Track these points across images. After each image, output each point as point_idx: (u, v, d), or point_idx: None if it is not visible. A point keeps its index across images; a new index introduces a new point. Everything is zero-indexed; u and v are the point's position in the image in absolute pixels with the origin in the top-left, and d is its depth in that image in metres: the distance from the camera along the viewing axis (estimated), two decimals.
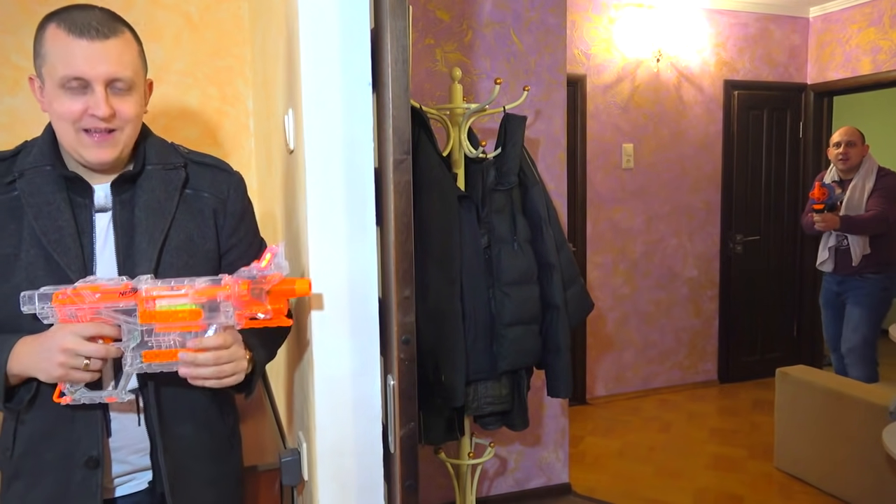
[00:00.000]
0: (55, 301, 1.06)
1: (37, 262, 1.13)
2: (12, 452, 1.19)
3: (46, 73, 1.11)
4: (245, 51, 2.54)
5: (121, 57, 1.12)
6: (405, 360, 1.27)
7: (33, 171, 1.16)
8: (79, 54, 1.08)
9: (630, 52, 4.35)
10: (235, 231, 1.30)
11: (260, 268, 1.07)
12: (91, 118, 1.11)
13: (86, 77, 1.09)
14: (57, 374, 1.06)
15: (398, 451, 1.29)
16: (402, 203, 1.24)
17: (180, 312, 1.06)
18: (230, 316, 1.07)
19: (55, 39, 1.09)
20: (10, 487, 1.20)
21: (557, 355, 2.26)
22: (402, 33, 1.21)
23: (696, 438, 3.87)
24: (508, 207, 2.25)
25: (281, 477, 1.54)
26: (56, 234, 1.13)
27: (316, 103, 1.25)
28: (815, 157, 4.88)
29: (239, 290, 1.05)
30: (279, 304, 1.09)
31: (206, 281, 1.07)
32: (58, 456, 1.16)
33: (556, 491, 3.16)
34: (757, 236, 4.83)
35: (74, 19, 1.09)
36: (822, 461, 3.16)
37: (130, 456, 1.23)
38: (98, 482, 1.16)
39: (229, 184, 1.30)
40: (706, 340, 4.81)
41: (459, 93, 2.28)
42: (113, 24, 1.13)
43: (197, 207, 1.25)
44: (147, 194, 1.20)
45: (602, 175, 4.38)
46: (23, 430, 1.18)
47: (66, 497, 1.17)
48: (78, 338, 1.04)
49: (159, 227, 1.19)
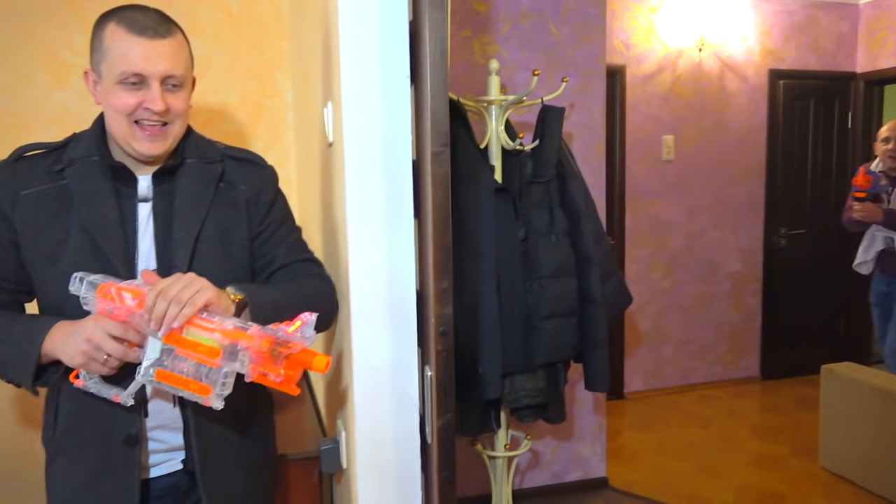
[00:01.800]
0: (98, 293, 1.10)
1: (83, 248, 1.17)
2: (55, 430, 1.25)
3: (105, 68, 1.16)
4: (284, 44, 2.57)
5: (175, 56, 1.18)
6: (442, 351, 1.27)
7: (82, 161, 1.21)
8: (138, 52, 1.14)
9: (671, 42, 4.26)
10: (263, 219, 1.33)
11: (286, 332, 1.04)
12: (145, 111, 1.17)
13: (144, 73, 1.15)
14: (78, 361, 1.10)
15: (435, 441, 1.29)
16: (440, 195, 1.24)
17: (201, 346, 1.06)
18: (244, 366, 1.04)
19: (115, 37, 1.15)
20: (53, 463, 1.26)
21: (595, 349, 2.25)
22: (440, 25, 1.21)
23: (736, 435, 3.80)
24: (546, 200, 2.24)
25: (320, 464, 1.56)
26: (101, 221, 1.18)
27: (355, 96, 1.26)
28: (864, 148, 4.72)
29: (260, 345, 1.03)
30: (292, 372, 1.06)
31: (234, 324, 1.07)
32: (98, 433, 1.21)
33: (592, 485, 3.14)
34: (802, 230, 4.70)
35: (134, 19, 1.15)
36: (869, 461, 3.08)
37: (166, 434, 1.27)
38: (136, 459, 1.21)
39: (262, 177, 1.35)
40: (748, 336, 4.71)
41: (497, 85, 2.27)
42: (168, 24, 1.19)
43: (231, 199, 1.29)
44: (185, 186, 1.25)
45: (641, 167, 4.31)
46: (64, 408, 1.23)
47: (106, 473, 1.21)
48: (104, 333, 1.08)
49: (196, 217, 1.23)
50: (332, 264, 1.52)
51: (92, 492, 1.22)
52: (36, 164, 1.22)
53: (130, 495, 1.21)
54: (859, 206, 3.34)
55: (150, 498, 1.29)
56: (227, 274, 1.25)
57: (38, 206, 1.19)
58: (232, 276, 1.25)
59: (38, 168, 1.21)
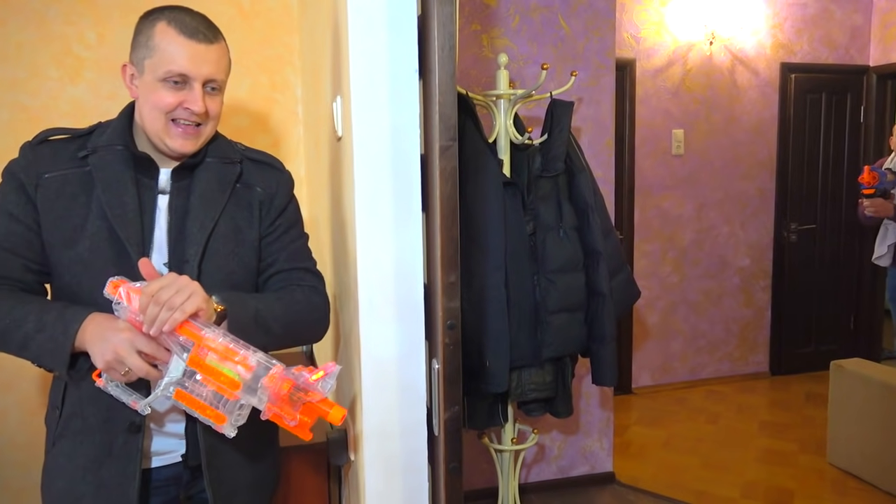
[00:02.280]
0: (109, 288, 1.12)
1: (100, 234, 1.19)
2: (61, 412, 1.26)
3: (150, 65, 1.19)
4: (294, 39, 2.57)
5: (219, 61, 1.23)
6: (450, 344, 1.28)
7: (106, 149, 1.23)
8: (187, 54, 1.18)
9: (682, 35, 4.24)
10: (273, 221, 1.35)
11: (309, 380, 1.05)
12: (185, 111, 1.20)
13: (189, 75, 1.19)
14: (101, 365, 1.12)
15: (442, 433, 1.31)
16: (448, 189, 1.25)
17: (223, 377, 1.07)
18: (262, 402, 1.05)
19: (165, 36, 1.18)
20: (55, 445, 1.27)
21: (603, 343, 2.25)
22: (448, 19, 1.21)
23: (745, 431, 3.79)
24: (554, 194, 2.24)
25: (328, 456, 1.58)
26: (120, 210, 1.20)
27: (364, 90, 1.26)
28: (876, 142, 4.68)
29: (280, 387, 1.04)
30: (307, 418, 1.06)
31: (258, 360, 1.07)
32: (102, 419, 1.23)
33: (599, 479, 3.15)
34: (813, 225, 4.67)
35: (185, 21, 1.19)
36: (878, 457, 3.07)
37: (168, 425, 1.29)
38: (138, 446, 1.23)
39: (279, 181, 1.37)
40: (757, 331, 4.70)
41: (506, 79, 2.27)
42: (215, 30, 1.23)
43: (245, 200, 1.31)
44: (203, 184, 1.27)
45: (651, 162, 4.29)
46: (71, 391, 1.25)
47: (109, 458, 1.23)
48: (132, 349, 1.10)
49: (210, 215, 1.25)
50: (340, 258, 1.53)
51: (92, 477, 1.23)
52: (60, 149, 1.24)
53: (130, 482, 1.23)
54: (868, 203, 3.41)
55: (152, 487, 1.30)
56: (234, 272, 1.27)
57: (59, 189, 1.21)
58: (239, 274, 1.28)
59: (63, 153, 1.23)
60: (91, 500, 1.24)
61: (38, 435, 2.32)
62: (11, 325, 1.16)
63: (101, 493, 1.23)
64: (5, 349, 1.20)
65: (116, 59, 2.40)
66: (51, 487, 1.28)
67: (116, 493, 1.23)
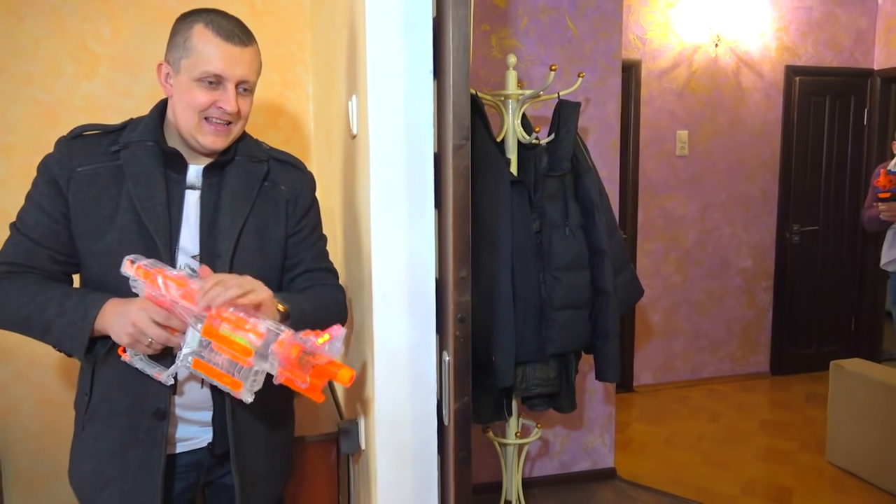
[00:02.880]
0: (146, 278, 1.16)
1: (129, 227, 1.24)
2: (90, 397, 1.31)
3: (186, 65, 1.24)
4: (305, 37, 2.61)
5: (252, 64, 1.28)
6: (460, 337, 1.32)
7: (137, 145, 1.28)
8: (223, 56, 1.23)
9: (687, 37, 4.27)
10: (299, 221, 1.41)
11: (316, 344, 1.10)
12: (218, 110, 1.26)
13: (223, 76, 1.24)
14: (125, 341, 1.18)
15: (452, 423, 1.35)
16: (461, 187, 1.29)
17: (236, 344, 1.12)
18: (274, 368, 1.10)
19: (203, 38, 1.23)
20: (84, 429, 1.33)
21: (606, 340, 2.29)
22: (463, 21, 1.25)
23: (745, 430, 3.83)
24: (561, 193, 2.28)
25: (339, 445, 1.62)
26: (149, 203, 1.25)
27: (380, 90, 1.30)
28: (880, 145, 4.71)
29: (289, 352, 1.08)
30: (318, 381, 1.11)
31: (268, 326, 1.12)
32: (129, 405, 1.28)
33: (601, 475, 3.19)
34: (815, 226, 4.71)
35: (222, 24, 1.24)
36: (877, 456, 3.10)
37: (193, 413, 1.34)
38: (163, 433, 1.28)
39: (302, 181, 1.43)
40: (759, 332, 4.73)
41: (514, 79, 2.31)
42: (249, 34, 1.29)
43: (272, 198, 1.37)
44: (233, 181, 1.32)
45: (655, 162, 4.33)
46: (100, 377, 1.30)
47: (135, 443, 1.28)
48: (149, 319, 1.16)
49: (241, 211, 1.31)
50: (354, 252, 1.58)
51: (119, 460, 1.28)
52: (93, 144, 1.29)
53: (155, 467, 1.27)
54: (885, 207, 3.27)
55: (176, 472, 1.35)
56: (262, 268, 1.32)
57: (91, 182, 1.26)
58: (266, 270, 1.33)
59: (95, 147, 1.28)
60: (119, 482, 1.28)
61: (52, 424, 2.38)
62: (35, 311, 1.22)
63: (127, 476, 1.28)
64: (29, 333, 1.25)
65: (131, 56, 2.44)
66: (79, 469, 1.33)
67: (142, 476, 1.28)
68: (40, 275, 1.28)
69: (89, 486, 1.31)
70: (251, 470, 1.36)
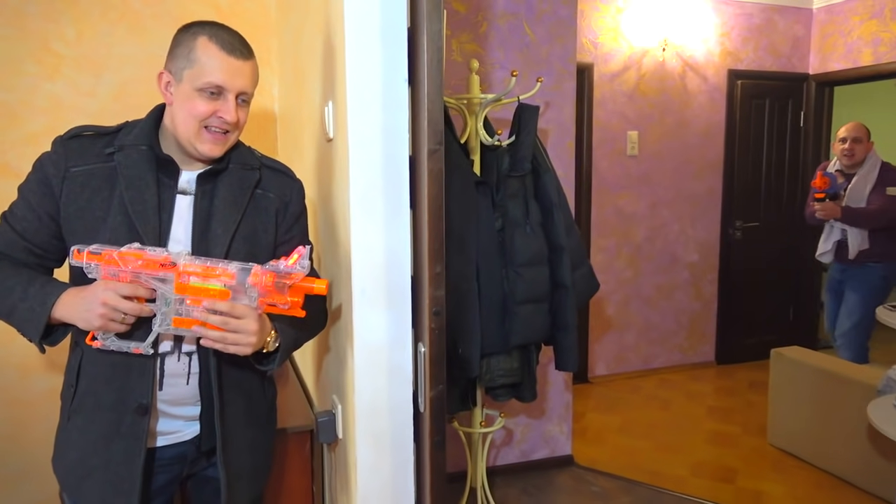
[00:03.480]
0: (101, 260, 1.22)
1: (120, 228, 1.29)
2: (76, 389, 1.35)
3: (189, 75, 1.29)
4: (271, 41, 2.66)
5: (252, 76, 1.34)
6: (436, 329, 1.42)
7: (132, 148, 1.33)
8: (226, 69, 1.29)
9: (637, 42, 4.46)
10: (290, 229, 1.48)
11: (287, 265, 1.22)
12: (218, 119, 1.31)
13: (225, 87, 1.30)
14: (97, 324, 1.23)
15: (428, 410, 1.44)
16: (435, 188, 1.38)
17: (211, 290, 1.22)
18: (254, 300, 1.23)
19: (207, 51, 1.29)
20: (70, 420, 1.37)
21: (566, 332, 2.41)
22: (437, 35, 1.34)
23: (694, 416, 4.03)
24: (522, 192, 2.39)
25: (318, 435, 1.69)
26: (140, 206, 1.30)
27: (359, 97, 1.38)
28: (815, 146, 5.01)
29: (265, 280, 1.21)
30: (297, 298, 1.25)
31: (237, 267, 1.23)
32: (113, 399, 1.32)
33: (559, 462, 3.33)
34: (756, 223, 4.97)
35: (224, 38, 1.30)
36: (814, 437, 3.33)
37: (176, 408, 1.39)
38: (145, 427, 1.33)
39: (292, 189, 1.49)
40: (705, 323, 4.97)
41: (477, 83, 2.41)
42: (249, 48, 1.34)
43: (263, 206, 1.43)
44: (226, 189, 1.38)
45: (608, 162, 4.50)
46: (86, 371, 1.34)
47: (117, 437, 1.33)
48: (117, 295, 1.21)
49: (233, 217, 1.36)
50: (330, 249, 1.65)
51: (103, 451, 1.33)
52: (88, 145, 1.33)
53: (136, 459, 1.32)
54: (819, 207, 3.57)
55: (157, 465, 1.40)
56: None
57: (85, 182, 1.30)
58: None
59: (91, 148, 1.33)
60: (101, 473, 1.33)
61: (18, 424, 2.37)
62: (2, 293, 1.29)
63: (109, 467, 1.33)
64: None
65: (95, 57, 2.45)
66: (64, 458, 1.37)
67: (123, 468, 1.32)
68: (17, 263, 1.33)
69: (73, 475, 1.36)
70: (236, 466, 1.42)
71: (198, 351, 1.36)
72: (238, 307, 1.23)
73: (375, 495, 1.49)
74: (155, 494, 1.41)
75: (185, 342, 1.35)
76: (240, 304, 1.23)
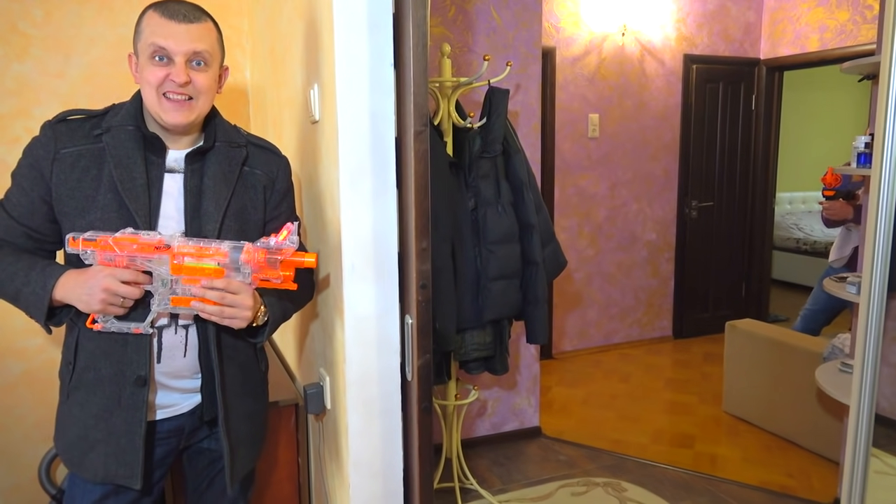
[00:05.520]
0: (97, 246, 1.26)
1: (111, 205, 1.33)
2: (74, 366, 1.40)
3: (140, 47, 1.33)
4: (242, 22, 2.67)
5: (201, 37, 1.34)
6: (422, 301, 1.49)
7: (119, 129, 1.37)
8: (167, 32, 1.30)
9: (597, 27, 4.57)
10: (278, 205, 1.53)
11: (277, 241, 1.29)
12: (171, 83, 1.32)
13: (169, 49, 1.31)
14: (97, 308, 1.28)
15: (416, 378, 1.52)
16: (421, 168, 1.45)
17: (206, 269, 1.28)
18: (247, 276, 1.30)
19: (150, 20, 1.32)
20: (70, 396, 1.41)
21: (536, 306, 2.52)
22: (422, 21, 1.41)
23: (652, 387, 4.22)
24: (493, 173, 2.48)
25: (307, 406, 1.76)
26: (130, 184, 1.34)
27: (348, 81, 1.44)
28: (766, 128, 5.22)
29: (257, 257, 1.28)
30: (288, 272, 1.32)
31: (229, 245, 1.29)
32: (112, 373, 1.37)
33: (528, 434, 3.46)
34: (711, 202, 5.17)
35: (168, 7, 1.32)
36: (765, 404, 3.54)
37: (174, 381, 1.44)
38: (144, 398, 1.38)
39: (279, 165, 1.53)
40: (663, 299, 5.17)
41: (448, 67, 2.47)
42: (198, 13, 1.35)
43: (251, 182, 1.47)
44: (215, 166, 1.42)
45: (569, 144, 4.62)
46: (84, 347, 1.39)
47: (118, 408, 1.38)
48: (116, 280, 1.26)
49: (223, 194, 1.41)
50: (318, 227, 1.71)
51: (104, 424, 1.38)
52: (77, 127, 1.36)
53: (136, 430, 1.37)
54: (828, 205, 3.23)
55: (157, 438, 1.46)
56: None
57: (74, 163, 1.34)
58: None
59: (79, 131, 1.36)
60: (103, 446, 1.38)
61: None
62: (7, 278, 1.34)
63: (111, 440, 1.38)
64: (5, 298, 1.37)
65: (64, 38, 2.43)
66: (65, 434, 1.41)
67: (125, 439, 1.37)
68: (18, 249, 1.37)
69: (76, 449, 1.40)
70: (236, 434, 1.48)
71: (195, 324, 1.41)
72: (234, 283, 1.29)
73: (366, 461, 1.57)
74: (155, 466, 1.47)
75: (181, 316, 1.40)
76: (235, 280, 1.29)
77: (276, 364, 2.22)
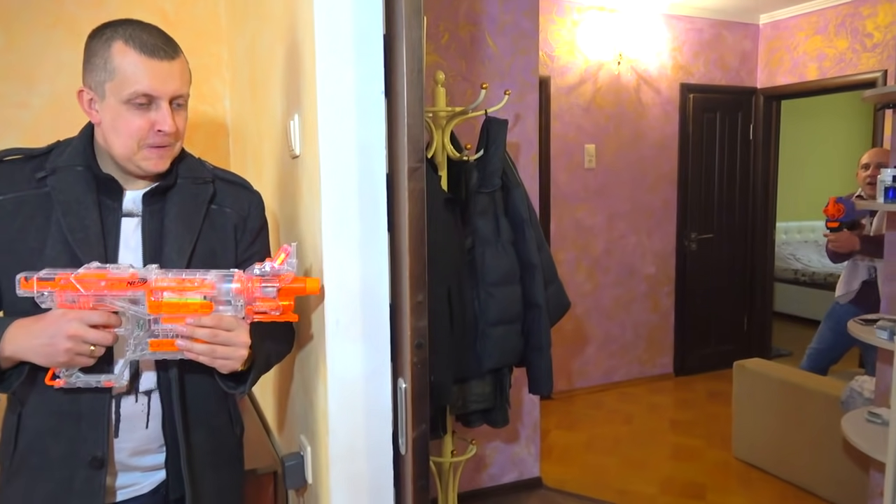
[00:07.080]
0: (56, 286, 1.06)
1: (60, 258, 1.13)
2: (15, 447, 1.18)
3: (111, 88, 1.13)
4: (222, 49, 2.50)
5: (182, 76, 1.18)
6: (418, 363, 1.29)
7: (66, 170, 1.17)
8: (151, 73, 1.12)
9: (592, 55, 4.45)
10: (251, 245, 1.34)
11: (274, 266, 1.10)
12: (157, 134, 1.15)
13: (155, 94, 1.13)
14: (62, 360, 1.06)
15: (410, 452, 1.31)
16: (417, 209, 1.26)
17: (191, 305, 1.08)
18: (240, 309, 1.09)
19: (126, 57, 1.12)
20: (10, 483, 1.19)
21: (540, 353, 2.32)
22: (417, 44, 1.23)
23: (657, 430, 4.01)
24: (492, 209, 2.29)
25: (284, 480, 1.54)
26: (82, 233, 1.14)
27: (331, 110, 1.26)
28: (764, 158, 5.10)
29: (250, 288, 1.08)
30: (288, 301, 1.13)
31: (216, 275, 1.09)
32: (62, 454, 1.16)
33: (528, 485, 3.24)
34: (710, 234, 5.02)
35: (143, 39, 1.12)
36: (778, 449, 3.33)
37: (135, 458, 1.23)
38: (101, 483, 1.17)
39: (250, 202, 1.35)
40: (663, 334, 4.98)
41: (443, 96, 2.31)
42: (173, 44, 1.17)
43: (220, 222, 1.28)
44: (177, 206, 1.23)
45: (566, 175, 4.47)
46: (27, 425, 1.17)
47: (69, 496, 1.16)
48: (84, 325, 1.05)
49: (188, 238, 1.22)
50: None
51: None
52: (16, 170, 1.17)
53: None
54: (833, 237, 3.07)
55: None
56: None
57: (15, 212, 1.14)
58: None
59: (18, 174, 1.17)
60: None
61: None
62: None
63: None
64: None
65: (27, 67, 2.25)
66: None
67: None
68: None
69: None
70: None
71: (158, 388, 1.21)
72: (226, 318, 1.10)
73: None
74: None
75: (142, 380, 1.20)
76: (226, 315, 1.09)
77: (255, 422, 2.00)
